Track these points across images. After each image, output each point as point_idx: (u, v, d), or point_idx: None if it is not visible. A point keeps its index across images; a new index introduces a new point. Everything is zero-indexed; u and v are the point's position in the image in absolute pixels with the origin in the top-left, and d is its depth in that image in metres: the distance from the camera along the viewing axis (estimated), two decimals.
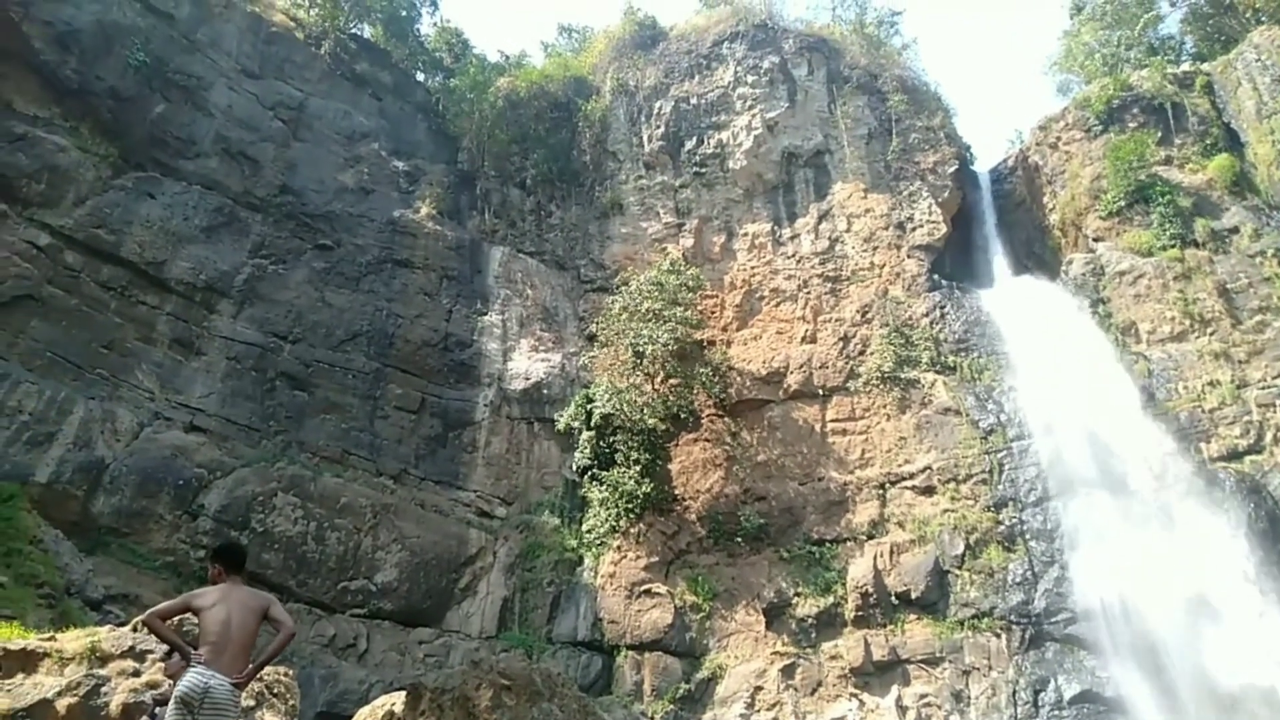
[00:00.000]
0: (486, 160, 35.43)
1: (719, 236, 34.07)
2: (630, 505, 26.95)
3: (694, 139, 35.40)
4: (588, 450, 28.27)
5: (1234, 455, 24.21)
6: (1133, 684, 21.48)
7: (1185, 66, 33.56)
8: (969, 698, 22.69)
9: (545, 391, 30.83)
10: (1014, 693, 22.29)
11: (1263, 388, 24.62)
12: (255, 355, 27.61)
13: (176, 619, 8.17)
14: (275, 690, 11.97)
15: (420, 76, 39.38)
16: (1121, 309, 27.82)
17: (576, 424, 28.89)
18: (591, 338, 30.51)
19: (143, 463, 23.65)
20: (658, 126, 35.88)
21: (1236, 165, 29.24)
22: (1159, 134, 30.48)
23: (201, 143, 29.35)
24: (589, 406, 28.60)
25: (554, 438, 30.08)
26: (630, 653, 25.29)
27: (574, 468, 28.95)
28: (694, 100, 35.88)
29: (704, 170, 34.91)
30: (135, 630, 11.64)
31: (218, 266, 27.87)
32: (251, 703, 11.10)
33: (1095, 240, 29.82)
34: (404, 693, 10.03)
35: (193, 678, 7.10)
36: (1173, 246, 27.77)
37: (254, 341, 27.77)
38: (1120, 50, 37.41)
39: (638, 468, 26.95)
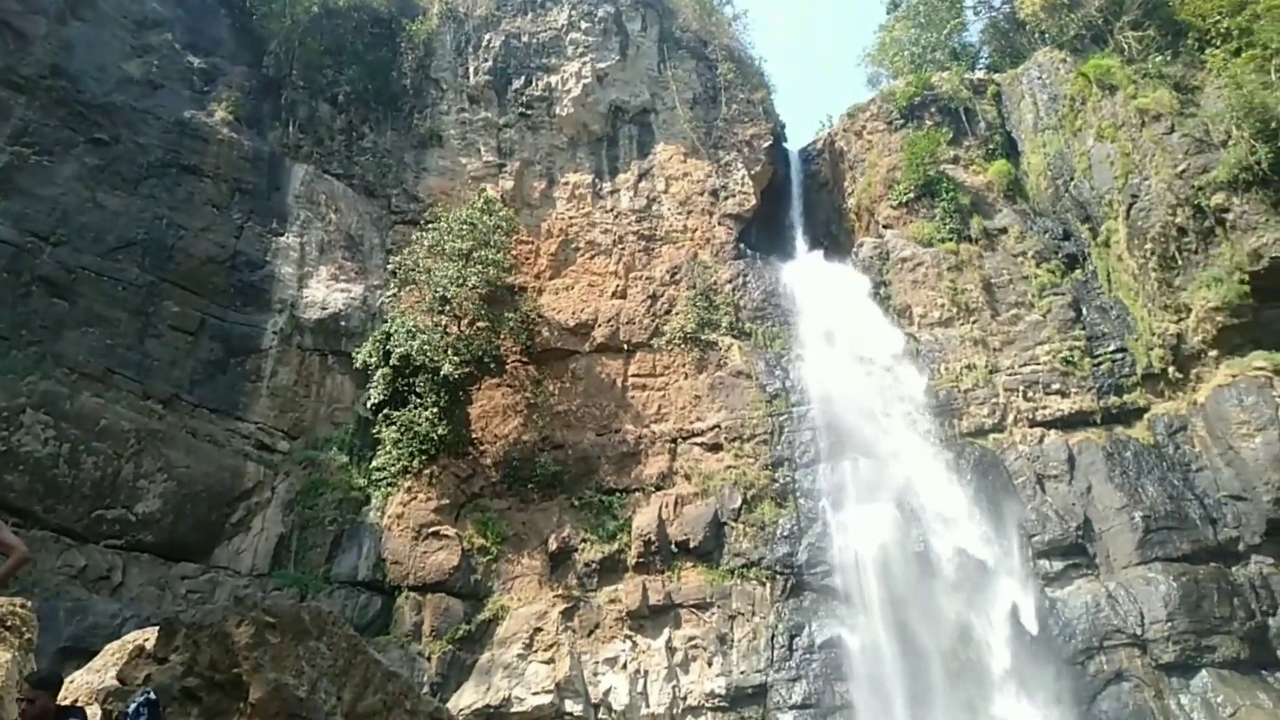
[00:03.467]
0: (295, 69, 32.80)
1: (540, 182, 33.70)
2: (424, 447, 26.46)
3: (522, 78, 34.62)
4: (383, 388, 27.33)
5: (980, 432, 27.16)
6: (876, 631, 23.84)
7: (980, 74, 36.58)
8: (732, 641, 24.35)
9: (343, 324, 29.42)
10: (772, 637, 24.16)
11: (1010, 374, 27.70)
12: (9, 255, 24.50)
13: None
14: (8, 622, 10.89)
15: None
16: (900, 292, 30.30)
17: (374, 360, 27.82)
18: (395, 272, 29.32)
19: None
20: (485, 60, 34.75)
21: (1012, 171, 32.42)
22: (950, 134, 33.19)
23: None
24: (388, 344, 27.59)
25: (349, 373, 28.83)
26: (412, 594, 25.06)
27: (368, 405, 27.95)
28: (525, 38, 35.01)
29: (530, 112, 34.27)
30: None
31: None
32: None
33: (885, 227, 32.18)
34: (157, 628, 9.42)
35: None
36: (950, 240, 30.47)
37: (8, 239, 24.61)
38: (926, 51, 40.15)
39: (435, 409, 26.42)
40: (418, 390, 26.86)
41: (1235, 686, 21.28)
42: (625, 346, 30.43)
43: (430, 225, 29.64)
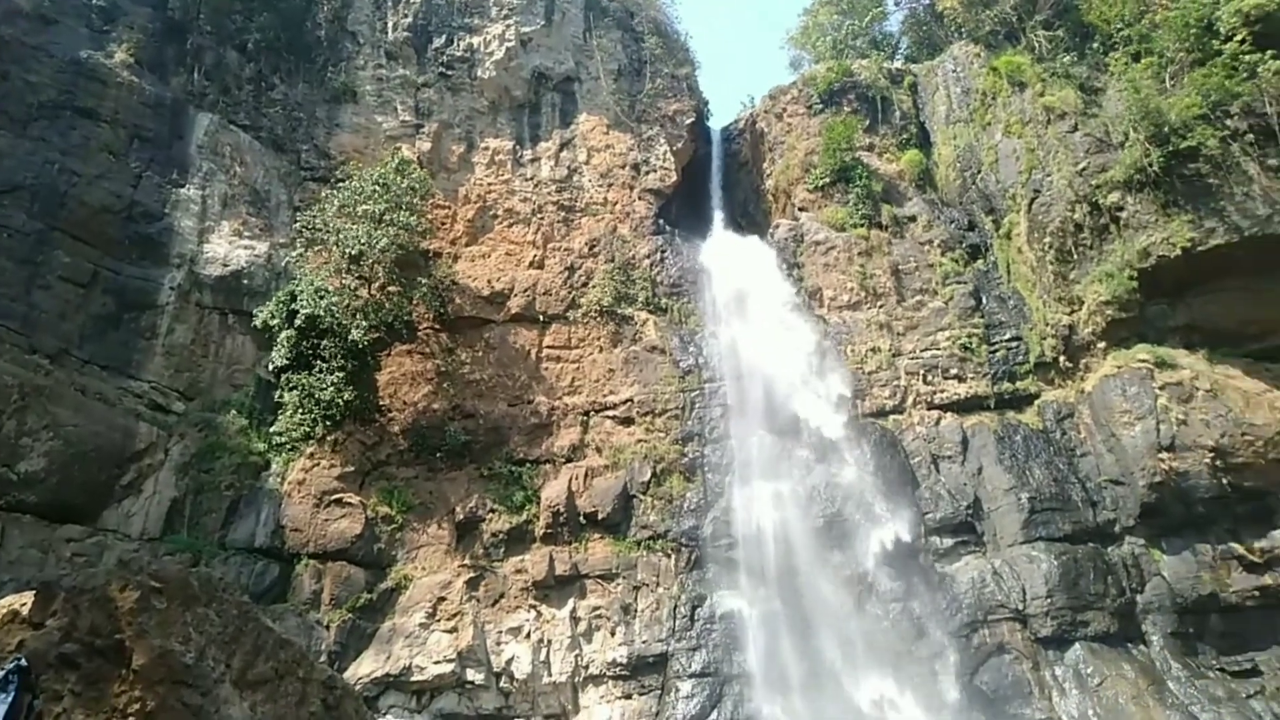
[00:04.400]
0: (202, 12, 31.12)
1: (458, 146, 33.00)
2: (329, 412, 25.80)
3: (443, 37, 33.75)
4: (287, 350, 26.43)
5: (882, 413, 28.05)
6: (775, 603, 24.54)
7: (898, 64, 37.39)
8: (636, 611, 24.70)
9: (245, 282, 28.34)
10: (675, 607, 24.61)
11: (912, 358, 28.65)
12: None
13: None
14: None
15: None
16: (812, 275, 30.92)
17: (277, 321, 26.88)
18: (303, 231, 28.34)
19: None
20: (405, 15, 33.72)
21: (924, 161, 33.31)
22: (867, 122, 33.88)
23: None
24: (293, 304, 26.70)
25: (250, 333, 27.80)
26: (312, 561, 24.55)
27: (269, 367, 27.05)
28: None
29: (450, 73, 33.45)
30: None
31: None
32: None
33: (801, 210, 32.72)
34: (34, 592, 8.99)
35: None
36: (862, 225, 31.19)
37: None
38: (848, 38, 40.79)
39: (341, 374, 25.77)
40: (323, 354, 26.15)
41: (1104, 659, 22.67)
42: (541, 317, 30.24)
43: (341, 184, 28.75)
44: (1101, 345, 26.10)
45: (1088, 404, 25.96)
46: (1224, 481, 23.22)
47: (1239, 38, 25.04)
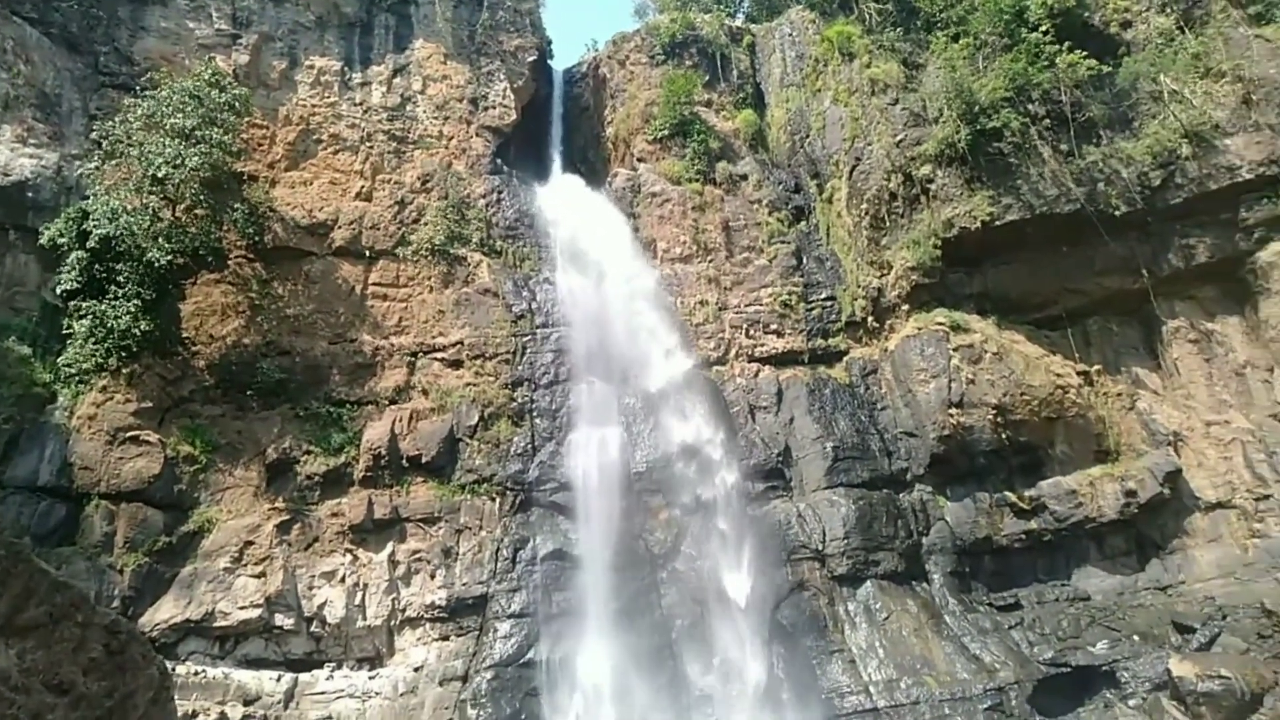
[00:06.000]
0: None
1: (280, 62, 30.72)
2: (124, 343, 23.65)
3: None
4: (77, 273, 23.87)
5: (707, 364, 29.06)
6: (592, 544, 25.17)
7: (739, 23, 37.95)
8: (457, 554, 24.68)
9: (30, 194, 25.47)
10: (497, 550, 24.78)
11: (736, 312, 29.77)
12: None
13: None
14: None
15: None
16: (648, 226, 31.33)
17: (66, 240, 24.21)
18: (100, 142, 25.63)
19: None
20: None
21: (758, 122, 34.25)
22: (707, 77, 34.35)
23: None
24: (85, 223, 24.11)
25: (35, 252, 25.00)
26: (104, 502, 22.77)
27: (57, 291, 24.46)
28: None
29: None
30: None
31: None
32: None
33: (640, 160, 32.91)
34: None
35: None
36: (697, 180, 31.81)
37: None
38: None
39: (138, 302, 23.62)
40: (119, 279, 23.89)
41: (891, 595, 24.88)
42: (367, 253, 29.00)
43: (147, 93, 26.12)
44: (905, 308, 28.13)
45: (890, 362, 28.00)
46: (1003, 436, 25.80)
47: (1044, 28, 27.14)
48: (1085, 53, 26.65)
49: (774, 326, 29.32)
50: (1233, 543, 24.52)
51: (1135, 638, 23.20)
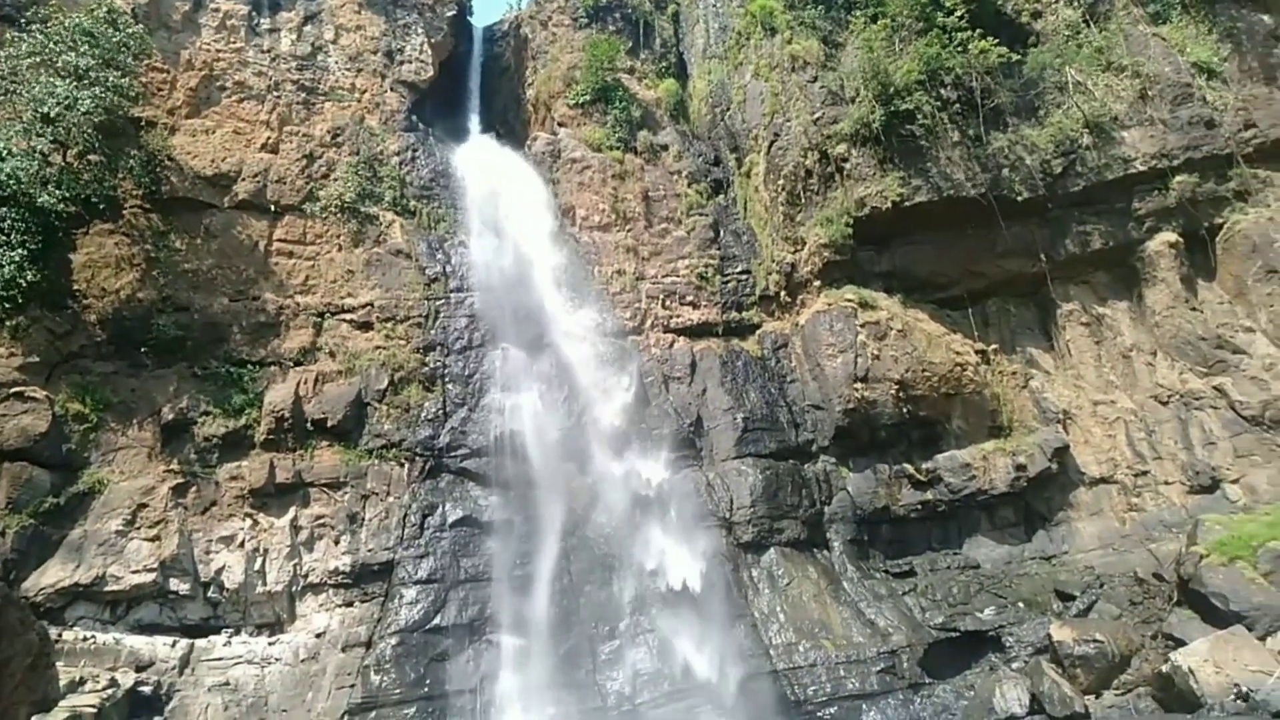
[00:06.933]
0: None
1: (183, 3, 29.09)
2: (8, 293, 22.23)
3: None
4: None
5: (622, 333, 29.10)
6: (506, 510, 25.09)
7: None
8: (363, 519, 24.26)
9: None
10: (405, 516, 24.45)
11: (653, 283, 29.88)
12: None
13: None
14: None
15: None
16: (567, 192, 31.04)
17: None
18: None
19: None
20: None
21: (680, 93, 34.22)
22: (630, 44, 34.11)
23: None
24: None
25: None
26: None
27: None
28: None
29: None
30: None
31: None
32: None
33: (560, 124, 32.51)
34: None
35: None
36: (618, 149, 31.64)
37: None
38: None
39: (24, 250, 22.28)
40: (4, 226, 22.38)
41: (793, 562, 25.60)
42: (273, 207, 27.89)
43: (35, 28, 24.43)
44: (817, 284, 28.71)
45: (800, 336, 28.60)
46: (904, 410, 26.71)
47: (959, 13, 27.77)
48: (997, 40, 27.42)
49: (690, 298, 29.56)
50: (1112, 516, 26.06)
51: (1020, 604, 24.50)
